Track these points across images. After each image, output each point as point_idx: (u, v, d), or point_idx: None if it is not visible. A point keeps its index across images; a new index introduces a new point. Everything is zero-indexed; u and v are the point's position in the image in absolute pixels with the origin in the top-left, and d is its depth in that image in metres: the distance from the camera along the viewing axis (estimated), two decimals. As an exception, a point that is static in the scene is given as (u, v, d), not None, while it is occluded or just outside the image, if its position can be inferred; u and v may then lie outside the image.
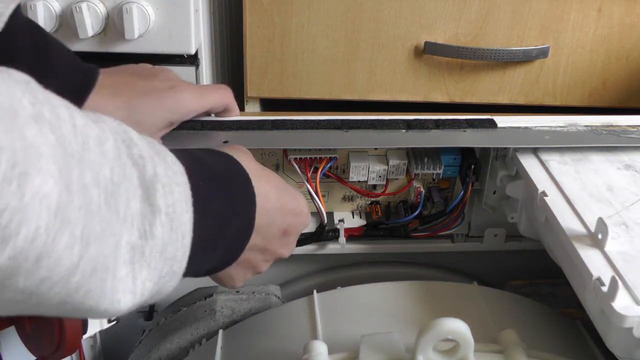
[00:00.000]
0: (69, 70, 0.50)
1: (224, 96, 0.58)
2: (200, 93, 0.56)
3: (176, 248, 0.32)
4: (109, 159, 0.28)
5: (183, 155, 0.36)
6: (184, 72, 0.77)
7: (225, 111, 0.59)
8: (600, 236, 0.47)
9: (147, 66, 0.57)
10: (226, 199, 0.39)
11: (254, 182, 0.42)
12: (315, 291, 0.56)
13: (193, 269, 0.36)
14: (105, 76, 0.52)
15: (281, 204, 0.45)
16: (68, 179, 0.26)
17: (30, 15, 0.70)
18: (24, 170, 0.24)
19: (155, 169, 0.31)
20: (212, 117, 0.59)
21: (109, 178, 0.28)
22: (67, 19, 0.72)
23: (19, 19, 0.48)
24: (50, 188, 0.25)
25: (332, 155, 0.59)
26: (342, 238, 0.63)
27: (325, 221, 0.61)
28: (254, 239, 0.43)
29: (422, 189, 0.63)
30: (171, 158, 0.33)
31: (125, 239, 0.29)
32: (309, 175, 0.58)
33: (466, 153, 0.62)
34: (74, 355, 0.65)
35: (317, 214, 0.62)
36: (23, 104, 0.25)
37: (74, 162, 0.26)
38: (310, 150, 0.59)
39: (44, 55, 0.49)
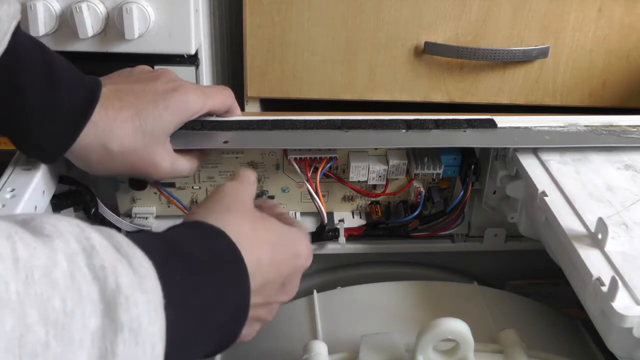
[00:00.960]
0: (75, 85, 0.50)
1: (227, 97, 0.58)
2: (204, 94, 0.55)
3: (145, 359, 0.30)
4: (59, 288, 0.27)
5: (158, 247, 0.34)
6: (184, 72, 0.77)
7: (226, 112, 0.59)
8: (600, 236, 0.47)
9: (146, 69, 0.57)
10: (209, 287, 0.37)
11: (246, 252, 0.40)
12: (315, 291, 0.56)
13: None
14: (108, 87, 0.52)
15: (275, 261, 0.43)
16: (2, 330, 0.24)
17: (30, 16, 0.70)
18: None
19: (118, 280, 0.29)
20: (213, 118, 0.59)
21: (60, 309, 0.26)
22: (67, 19, 0.72)
23: (21, 36, 0.48)
24: None
25: (332, 155, 0.59)
26: (342, 238, 0.63)
27: (326, 221, 0.61)
28: (253, 301, 0.41)
29: (422, 189, 0.63)
30: (139, 260, 0.31)
31: None
32: (309, 175, 0.59)
33: (466, 153, 0.62)
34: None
35: (317, 213, 0.62)
36: None
37: (11, 307, 0.25)
38: (310, 150, 0.59)
39: (50, 72, 0.48)
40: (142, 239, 0.34)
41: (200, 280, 0.36)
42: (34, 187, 0.51)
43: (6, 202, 0.49)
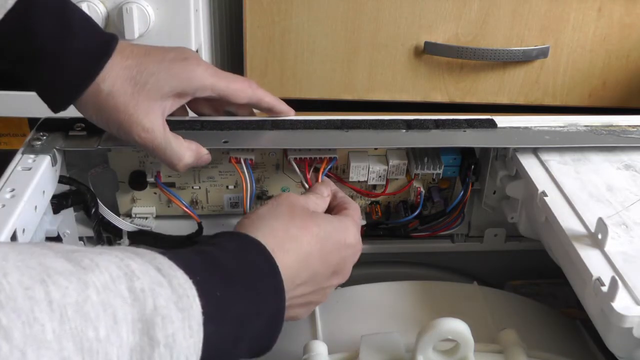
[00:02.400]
0: (91, 35, 0.50)
1: (247, 87, 0.56)
2: (216, 73, 0.54)
3: None
4: (90, 319, 0.29)
5: (199, 264, 0.37)
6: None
7: (258, 106, 0.58)
8: (600, 236, 0.47)
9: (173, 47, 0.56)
10: (246, 300, 0.39)
11: (286, 255, 0.43)
12: (315, 291, 0.56)
13: None
14: (125, 44, 0.52)
15: (323, 254, 0.46)
16: None
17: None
18: None
19: (155, 301, 0.32)
20: (213, 117, 0.59)
21: (93, 338, 0.29)
22: (67, 19, 0.72)
23: None
24: None
25: (332, 156, 0.59)
26: (342, 238, 0.62)
27: None
28: (303, 289, 0.45)
29: (422, 189, 0.63)
30: (179, 280, 0.34)
31: None
32: (309, 175, 0.58)
33: (466, 153, 0.62)
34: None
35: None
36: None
37: (48, 347, 0.27)
38: (310, 150, 0.59)
39: (65, 19, 0.48)
40: (184, 256, 0.37)
41: (238, 293, 0.38)
42: (34, 187, 0.51)
43: (6, 202, 0.49)
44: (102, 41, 0.50)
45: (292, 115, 0.60)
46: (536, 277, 0.68)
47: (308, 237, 0.45)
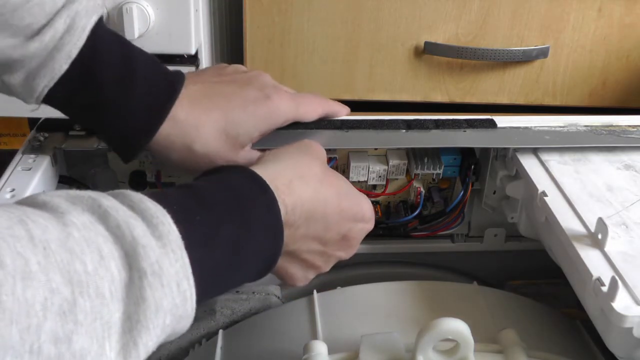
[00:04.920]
0: (155, 79, 0.49)
1: (319, 105, 0.57)
2: (296, 103, 0.54)
3: (173, 298, 0.32)
4: (76, 254, 0.29)
5: (177, 194, 0.37)
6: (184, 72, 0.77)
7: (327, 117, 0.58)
8: (600, 236, 0.47)
9: (241, 69, 0.56)
10: (233, 222, 0.38)
11: (305, 187, 0.42)
12: (315, 291, 0.56)
13: (213, 293, 0.37)
14: (197, 85, 0.51)
15: (341, 209, 0.45)
16: (28, 295, 0.27)
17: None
18: None
19: (132, 233, 0.32)
20: None
21: (82, 271, 0.29)
22: (67, 19, 0.72)
23: (101, 30, 0.48)
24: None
25: (332, 156, 0.59)
26: (342, 238, 0.62)
27: None
28: (311, 244, 0.44)
29: (422, 189, 0.63)
30: (151, 212, 0.33)
31: (118, 313, 0.30)
32: None
33: (466, 153, 0.62)
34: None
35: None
36: None
37: (33, 278, 0.27)
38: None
39: (128, 66, 0.48)
40: (162, 191, 0.37)
41: (222, 216, 0.38)
42: (34, 187, 0.51)
43: (6, 202, 0.49)
44: (164, 84, 0.49)
45: (345, 113, 0.60)
46: (536, 277, 0.68)
47: (327, 185, 0.45)
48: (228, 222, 0.37)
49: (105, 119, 0.48)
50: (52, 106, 0.49)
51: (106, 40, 0.48)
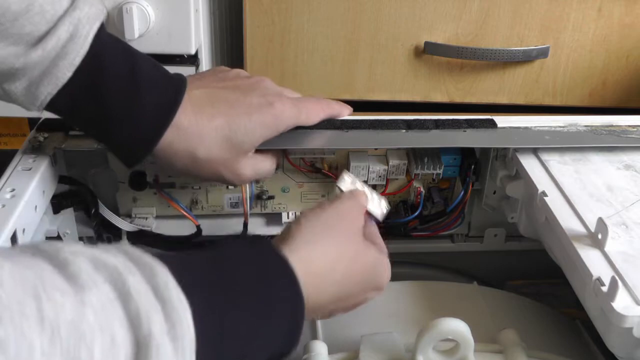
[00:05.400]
0: (159, 86, 0.49)
1: (321, 109, 0.57)
2: (298, 108, 0.54)
3: None
4: (85, 340, 0.28)
5: (201, 277, 0.35)
6: (184, 72, 0.77)
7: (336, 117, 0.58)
8: (600, 236, 0.47)
9: (243, 74, 0.55)
10: (252, 318, 0.37)
11: (316, 289, 0.41)
12: (315, 291, 0.56)
13: None
14: (200, 90, 0.51)
15: (363, 289, 0.45)
16: None
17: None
18: None
19: (151, 327, 0.30)
20: None
21: (85, 358, 0.28)
22: (67, 19, 0.72)
23: (104, 37, 0.48)
24: None
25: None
26: (342, 238, 0.62)
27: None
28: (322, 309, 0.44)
29: (422, 189, 0.63)
30: (174, 304, 0.31)
31: None
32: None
33: (466, 153, 0.62)
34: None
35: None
36: None
37: None
38: (310, 150, 0.59)
39: (132, 73, 0.48)
40: (190, 266, 0.35)
41: (245, 313, 0.36)
42: (34, 187, 0.51)
43: (6, 202, 0.49)
44: (167, 90, 0.49)
45: (347, 113, 0.59)
46: (536, 277, 0.68)
47: (358, 268, 0.44)
48: (247, 318, 0.36)
49: (109, 127, 0.48)
50: (55, 113, 0.49)
51: (109, 47, 0.48)
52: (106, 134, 0.49)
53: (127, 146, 0.49)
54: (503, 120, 0.61)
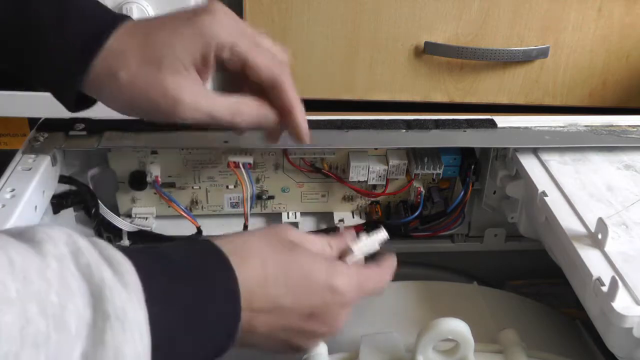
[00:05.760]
0: (96, 14, 0.45)
1: (278, 64, 0.48)
2: (239, 29, 0.46)
3: (135, 346, 0.31)
4: (53, 285, 0.29)
5: (142, 253, 0.36)
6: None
7: (275, 90, 0.48)
8: (600, 236, 0.47)
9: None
10: (192, 287, 0.37)
11: (246, 266, 0.39)
12: (315, 291, 0.56)
13: (168, 355, 0.35)
14: (143, 21, 0.47)
15: (292, 286, 0.40)
16: (8, 319, 0.27)
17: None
18: None
19: (102, 274, 0.31)
20: None
21: (57, 303, 0.29)
22: (67, 19, 0.72)
23: None
24: None
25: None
26: (342, 238, 0.62)
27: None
28: (266, 318, 0.40)
29: (422, 189, 0.63)
30: (118, 260, 0.33)
31: (78, 351, 0.30)
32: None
33: (466, 153, 0.62)
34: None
35: (317, 214, 0.62)
36: None
37: (12, 303, 0.27)
38: (310, 150, 0.59)
39: (65, 3, 0.45)
40: (130, 249, 0.37)
41: (182, 281, 0.37)
42: (34, 187, 0.51)
43: (6, 202, 0.49)
44: (105, 20, 0.45)
45: (304, 142, 0.50)
46: (536, 277, 0.68)
47: (275, 260, 0.40)
48: (187, 286, 0.37)
49: (39, 54, 0.45)
50: None
51: None
52: (38, 63, 0.45)
53: (58, 73, 0.45)
54: (503, 120, 0.61)
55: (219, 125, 0.47)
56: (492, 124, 0.60)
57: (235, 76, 0.49)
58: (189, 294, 0.36)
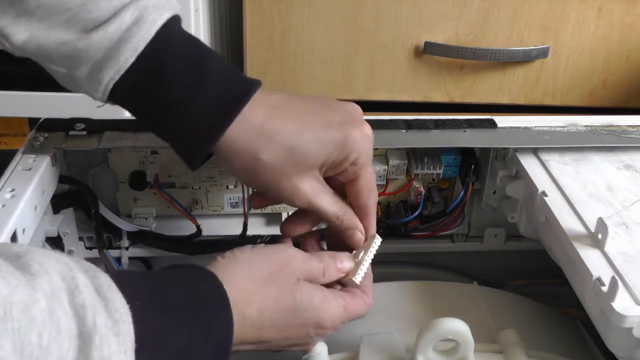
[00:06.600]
0: (228, 78, 0.45)
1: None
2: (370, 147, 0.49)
3: None
4: (36, 324, 0.29)
5: (142, 289, 0.36)
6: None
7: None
8: (600, 236, 0.47)
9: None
10: (188, 332, 0.37)
11: (241, 303, 0.40)
12: (315, 291, 0.56)
13: None
14: (279, 95, 0.47)
15: (286, 328, 0.43)
16: None
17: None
18: None
19: (95, 319, 0.31)
20: None
21: (36, 343, 0.28)
22: (67, 19, 0.72)
23: (175, 28, 0.45)
24: None
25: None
26: (342, 238, 0.62)
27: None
28: (249, 347, 0.42)
29: (422, 189, 0.63)
30: (115, 305, 0.32)
31: None
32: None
33: (466, 153, 0.62)
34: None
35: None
36: None
37: None
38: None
39: (201, 64, 0.45)
40: (130, 279, 0.36)
41: (179, 324, 0.37)
42: (34, 187, 0.51)
43: (6, 202, 0.49)
44: (240, 87, 0.45)
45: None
46: (536, 277, 0.68)
47: (272, 311, 0.42)
48: (183, 331, 0.37)
49: (171, 118, 0.45)
50: (118, 103, 0.46)
51: (179, 37, 0.45)
52: (169, 126, 0.45)
53: (188, 138, 0.45)
54: (503, 120, 0.61)
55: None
56: (492, 124, 0.60)
57: None
58: (183, 344, 0.37)
